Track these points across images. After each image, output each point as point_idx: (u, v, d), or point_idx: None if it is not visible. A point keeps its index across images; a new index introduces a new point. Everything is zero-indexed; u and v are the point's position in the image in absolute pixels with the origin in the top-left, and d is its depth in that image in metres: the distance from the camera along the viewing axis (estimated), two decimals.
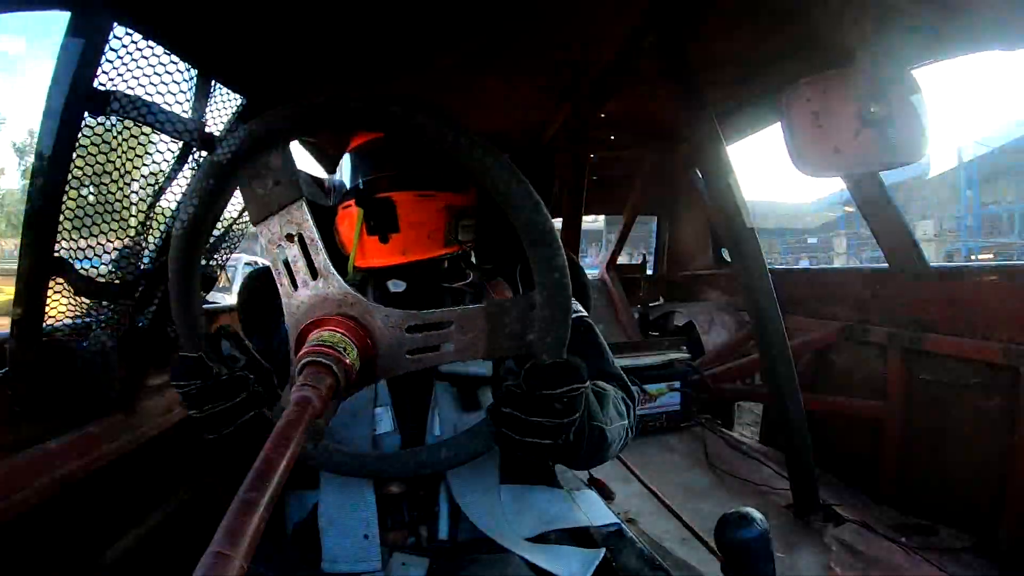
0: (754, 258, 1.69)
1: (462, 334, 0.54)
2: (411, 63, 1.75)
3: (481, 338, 0.54)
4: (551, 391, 0.54)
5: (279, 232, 0.55)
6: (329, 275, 0.54)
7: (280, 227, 0.55)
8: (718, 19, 1.65)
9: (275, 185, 0.54)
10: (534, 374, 0.54)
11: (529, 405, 0.55)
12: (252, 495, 0.33)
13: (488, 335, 0.54)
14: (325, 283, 0.54)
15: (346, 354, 0.50)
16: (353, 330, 0.52)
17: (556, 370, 0.54)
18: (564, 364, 0.54)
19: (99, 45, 0.87)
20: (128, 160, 0.97)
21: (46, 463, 0.97)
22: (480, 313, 0.54)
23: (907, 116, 1.18)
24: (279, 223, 0.54)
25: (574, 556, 0.74)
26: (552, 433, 0.56)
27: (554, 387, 0.54)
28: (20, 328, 0.91)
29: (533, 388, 0.54)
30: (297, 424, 0.40)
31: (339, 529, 0.74)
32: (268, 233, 0.55)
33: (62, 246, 0.92)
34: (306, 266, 0.54)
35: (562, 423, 0.56)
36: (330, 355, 0.48)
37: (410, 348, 0.54)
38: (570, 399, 0.55)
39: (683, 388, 2.61)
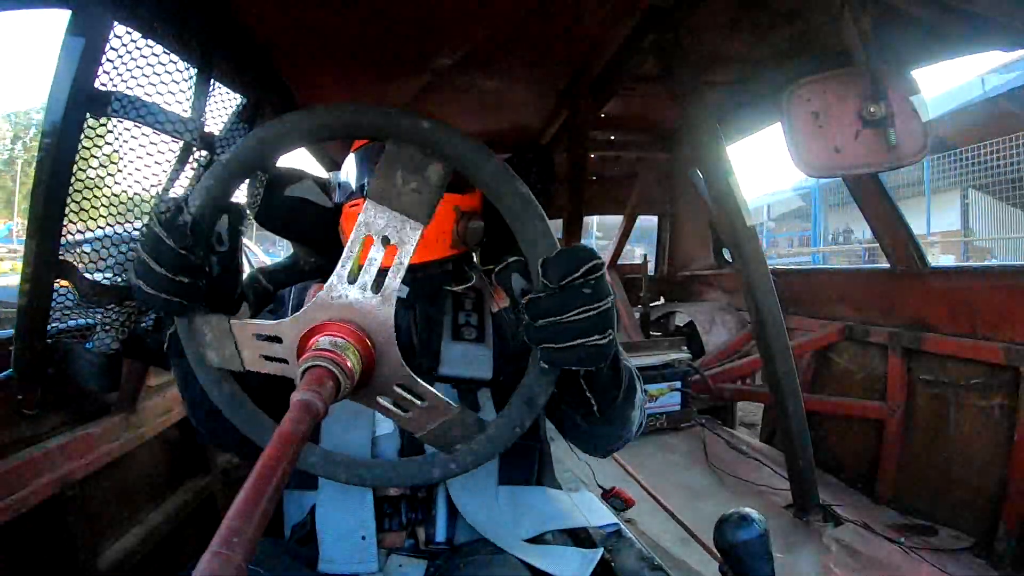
0: (755, 258, 1.69)
1: (422, 414, 0.56)
2: (411, 63, 1.75)
3: (429, 425, 0.57)
4: (574, 275, 0.50)
5: (382, 227, 0.52)
6: (389, 302, 0.52)
7: (386, 224, 0.52)
8: (718, 19, 1.65)
9: (415, 192, 0.52)
10: (548, 266, 0.50)
11: (558, 303, 0.50)
12: (253, 496, 0.33)
13: (435, 427, 0.57)
14: (380, 303, 0.52)
15: (352, 364, 0.49)
16: (367, 348, 0.52)
17: (567, 254, 0.51)
18: (574, 247, 0.52)
19: (100, 45, 0.88)
20: (130, 161, 0.97)
21: (46, 463, 0.97)
22: (447, 412, 0.56)
23: (907, 116, 1.19)
24: (389, 220, 0.52)
25: (572, 556, 0.74)
26: (596, 324, 0.51)
27: (574, 269, 0.50)
28: (25, 329, 0.91)
29: (553, 280, 0.50)
30: (300, 427, 0.40)
31: (336, 530, 0.74)
32: (372, 217, 0.52)
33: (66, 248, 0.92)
34: (376, 276, 0.52)
35: (601, 308, 0.51)
36: (340, 363, 0.48)
37: (384, 395, 0.56)
38: (596, 280, 0.51)
39: (683, 388, 2.61)
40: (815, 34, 1.68)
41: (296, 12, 1.34)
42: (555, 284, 0.50)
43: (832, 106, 1.21)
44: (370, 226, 0.52)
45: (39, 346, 0.93)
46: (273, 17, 1.33)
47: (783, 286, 2.44)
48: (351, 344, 0.50)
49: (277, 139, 0.53)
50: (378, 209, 0.52)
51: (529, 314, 0.52)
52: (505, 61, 1.79)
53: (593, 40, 1.73)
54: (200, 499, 1.44)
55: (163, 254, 0.53)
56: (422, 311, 0.82)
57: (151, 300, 0.54)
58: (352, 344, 0.51)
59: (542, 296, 0.51)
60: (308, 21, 1.40)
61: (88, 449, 1.07)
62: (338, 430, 0.74)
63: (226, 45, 1.23)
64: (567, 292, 0.50)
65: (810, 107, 1.21)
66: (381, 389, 0.55)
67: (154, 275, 0.53)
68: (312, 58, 1.61)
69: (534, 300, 0.51)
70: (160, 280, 0.53)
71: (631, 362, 0.70)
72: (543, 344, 0.52)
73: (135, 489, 1.24)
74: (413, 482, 0.62)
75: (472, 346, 0.80)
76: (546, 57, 1.83)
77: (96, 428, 1.12)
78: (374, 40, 1.56)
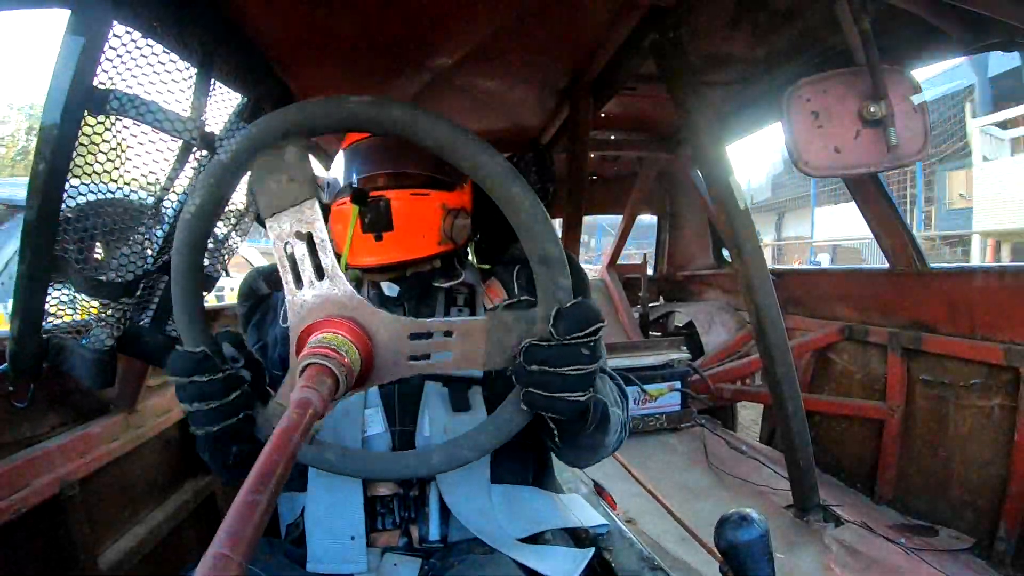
0: (754, 258, 1.69)
1: (462, 344, 0.55)
2: (411, 62, 1.75)
3: (480, 350, 0.55)
4: (579, 334, 0.52)
5: (288, 229, 0.54)
6: (336, 277, 0.54)
7: (291, 224, 0.54)
8: (718, 19, 1.65)
9: (289, 181, 0.54)
10: (559, 319, 0.53)
11: (558, 356, 0.53)
12: (253, 496, 0.33)
13: (487, 348, 0.55)
14: (331, 284, 0.54)
15: (347, 356, 0.50)
16: (355, 333, 0.53)
17: (580, 310, 0.53)
18: (582, 303, 0.54)
19: (99, 43, 0.88)
20: (128, 159, 0.97)
21: (46, 463, 0.97)
22: (482, 326, 0.55)
23: (907, 116, 1.18)
24: (290, 219, 0.54)
25: (564, 556, 0.74)
26: (582, 384, 0.54)
27: (582, 328, 0.52)
28: (20, 327, 0.91)
29: (561, 333, 0.52)
30: (298, 426, 0.40)
31: (326, 530, 0.74)
32: (278, 228, 0.54)
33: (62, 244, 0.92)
34: (313, 266, 0.54)
35: (590, 370, 0.54)
36: (332, 357, 0.48)
37: (411, 354, 0.55)
38: (595, 342, 0.54)
39: (683, 388, 2.61)
40: (815, 34, 1.68)
41: (296, 11, 1.34)
42: (560, 338, 0.52)
43: (832, 106, 1.21)
44: (280, 236, 0.54)
45: (34, 342, 0.93)
46: (273, 16, 1.33)
47: (783, 286, 2.45)
48: (333, 332, 0.51)
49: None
50: (276, 219, 0.54)
51: (525, 357, 0.54)
52: (505, 61, 1.79)
53: (593, 40, 1.73)
54: (200, 499, 1.44)
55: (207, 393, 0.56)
56: (412, 309, 0.82)
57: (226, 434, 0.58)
58: (334, 331, 0.51)
59: (543, 345, 0.53)
60: (308, 20, 1.40)
61: (88, 449, 1.07)
62: (328, 432, 0.74)
63: (226, 44, 1.23)
64: (568, 347, 0.53)
65: (810, 107, 1.21)
66: (398, 353, 0.55)
67: (213, 413, 0.56)
68: (312, 57, 1.61)
69: (535, 346, 0.53)
70: (222, 412, 0.57)
71: (607, 390, 0.73)
72: (529, 388, 0.54)
73: (135, 489, 1.24)
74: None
75: None
76: (546, 57, 1.83)
77: (96, 428, 1.12)
78: (374, 39, 1.56)
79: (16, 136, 16.26)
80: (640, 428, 2.51)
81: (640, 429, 2.51)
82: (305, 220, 0.54)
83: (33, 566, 0.96)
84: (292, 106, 0.54)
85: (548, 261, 0.53)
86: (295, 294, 0.55)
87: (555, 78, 2.03)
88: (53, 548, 0.99)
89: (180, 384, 0.57)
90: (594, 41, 1.74)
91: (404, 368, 0.55)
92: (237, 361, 0.60)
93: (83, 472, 1.04)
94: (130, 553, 1.13)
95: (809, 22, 1.64)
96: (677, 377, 2.60)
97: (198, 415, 0.57)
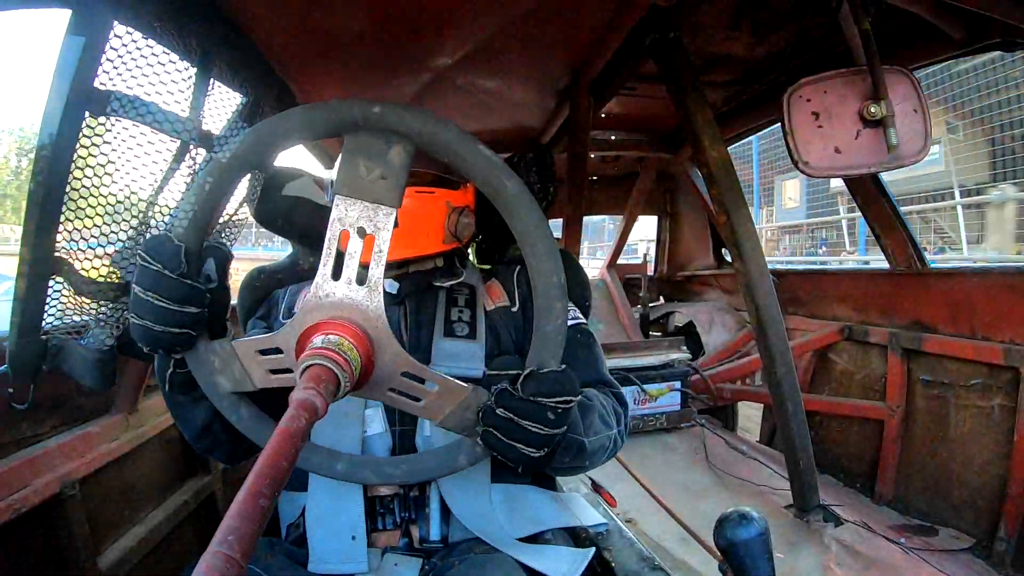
0: (754, 258, 1.69)
1: (436, 399, 0.57)
2: (411, 62, 1.75)
3: (445, 410, 0.58)
4: (547, 399, 0.56)
5: (355, 219, 0.53)
6: (375, 290, 0.53)
7: (358, 216, 0.53)
8: (718, 19, 1.65)
9: (381, 178, 0.53)
10: (533, 379, 0.56)
11: (523, 410, 0.56)
12: (253, 495, 0.33)
13: (451, 410, 0.58)
14: (367, 295, 0.53)
15: (352, 363, 0.49)
16: (364, 346, 0.52)
17: (554, 378, 0.57)
18: (562, 373, 0.57)
19: (100, 44, 0.87)
20: (127, 160, 0.97)
21: (46, 463, 0.97)
22: (463, 393, 0.57)
23: (908, 116, 1.18)
24: (360, 212, 0.53)
25: (565, 556, 0.74)
26: (539, 442, 0.58)
27: (551, 395, 0.56)
28: (20, 326, 0.91)
29: (530, 394, 0.56)
30: (300, 427, 0.40)
31: (327, 530, 0.74)
32: (343, 212, 0.53)
33: (62, 245, 0.92)
34: (359, 267, 0.53)
35: (551, 434, 0.58)
36: (338, 361, 0.48)
37: (394, 386, 0.56)
38: (564, 410, 0.57)
39: (683, 388, 2.61)
40: (815, 34, 1.68)
41: (296, 11, 1.34)
42: (525, 396, 0.56)
43: (832, 106, 1.21)
44: (343, 220, 0.53)
45: (34, 343, 0.93)
46: (273, 16, 1.33)
47: (783, 286, 2.45)
48: (346, 339, 0.51)
49: (230, 164, 0.55)
50: (348, 203, 0.53)
51: (495, 400, 0.58)
52: (505, 61, 1.79)
53: (593, 40, 1.73)
54: (200, 499, 1.44)
55: (165, 287, 0.54)
56: (412, 307, 0.82)
57: (160, 338, 0.55)
58: (347, 339, 0.51)
59: (513, 396, 0.57)
60: (308, 20, 1.40)
61: (88, 449, 1.07)
62: (329, 431, 0.74)
63: (226, 44, 1.23)
64: (535, 406, 0.57)
65: (810, 107, 1.21)
66: (387, 381, 0.55)
67: (160, 310, 0.54)
68: (312, 57, 1.61)
69: (507, 392, 0.57)
70: (167, 314, 0.54)
71: (596, 420, 0.74)
72: (492, 428, 0.58)
73: (135, 489, 1.24)
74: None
75: (463, 343, 0.80)
76: (546, 57, 1.83)
77: (96, 427, 1.12)
78: (374, 39, 1.56)
79: (7, 158, 16.40)
80: (640, 428, 2.52)
81: (640, 429, 2.51)
82: (376, 223, 0.53)
83: (33, 566, 0.96)
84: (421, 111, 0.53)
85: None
86: (326, 281, 0.53)
87: (555, 78, 2.03)
88: (53, 548, 0.99)
89: (143, 268, 0.54)
90: (594, 41, 1.74)
91: (381, 394, 0.57)
92: (211, 282, 0.59)
93: (83, 472, 1.04)
94: (130, 553, 1.13)
95: (809, 22, 1.64)
96: (677, 377, 2.60)
97: (144, 305, 0.54)
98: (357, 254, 0.53)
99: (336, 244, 0.53)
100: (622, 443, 0.80)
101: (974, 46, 1.37)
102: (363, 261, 0.53)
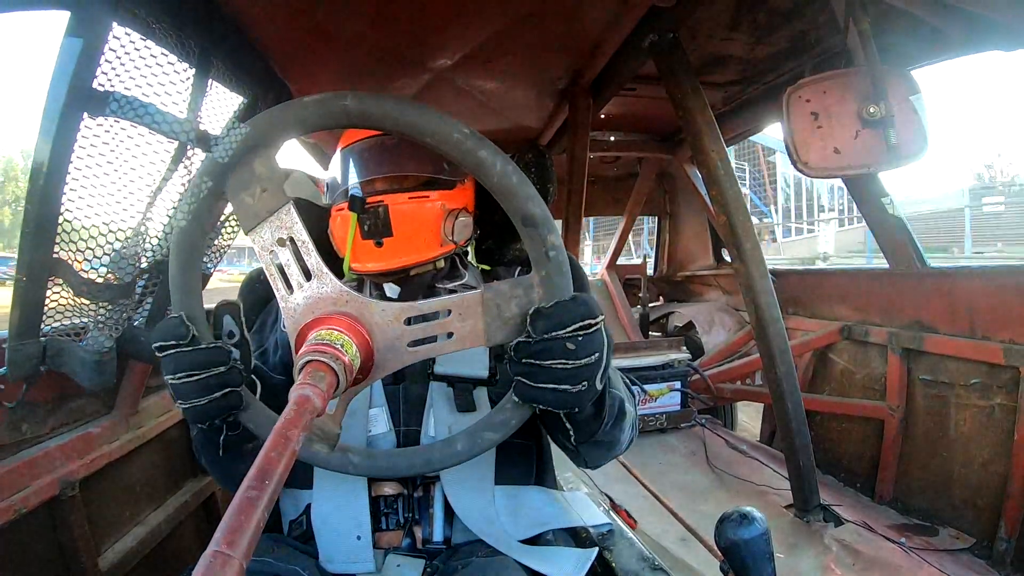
0: (754, 258, 1.69)
1: (461, 321, 0.54)
2: (411, 62, 1.75)
3: (480, 325, 0.54)
4: (559, 331, 0.52)
5: (270, 238, 0.55)
6: (322, 275, 0.54)
7: (271, 233, 0.55)
8: (718, 19, 1.65)
9: (262, 192, 0.54)
10: (541, 317, 0.52)
11: (541, 350, 0.53)
12: (252, 494, 0.33)
13: (487, 321, 0.54)
14: (319, 283, 0.54)
15: (344, 351, 0.50)
16: (351, 327, 0.52)
17: (560, 309, 0.52)
18: (569, 301, 0.53)
19: (98, 45, 0.87)
20: (125, 161, 0.97)
21: (46, 463, 0.97)
22: (477, 299, 0.54)
23: (907, 116, 1.18)
24: (270, 230, 0.55)
25: (567, 557, 0.74)
26: (573, 376, 0.53)
27: (562, 327, 0.52)
28: (18, 328, 0.91)
29: (543, 331, 0.52)
30: (297, 422, 0.40)
31: (332, 529, 0.74)
32: (260, 241, 0.55)
33: (60, 247, 0.92)
34: (299, 269, 0.54)
35: (579, 365, 0.53)
36: (329, 352, 0.48)
37: (410, 340, 0.55)
38: (585, 337, 0.53)
39: (683, 388, 2.61)
40: (815, 34, 1.69)
41: (295, 11, 1.34)
42: (538, 336, 0.52)
43: (832, 106, 1.21)
44: (265, 248, 0.55)
45: (33, 344, 0.93)
46: (272, 16, 1.33)
47: (782, 286, 2.45)
48: (326, 329, 0.52)
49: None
50: (257, 232, 0.55)
51: (514, 352, 0.54)
52: (505, 62, 1.79)
53: (593, 40, 1.73)
54: (200, 499, 1.44)
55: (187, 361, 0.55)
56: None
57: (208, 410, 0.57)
58: (328, 328, 0.52)
59: (529, 341, 0.53)
60: (307, 20, 1.40)
61: (88, 449, 1.07)
62: None
63: (224, 45, 1.23)
64: (549, 343, 0.53)
65: (810, 107, 1.21)
66: (398, 340, 0.54)
67: (193, 385, 0.55)
68: (311, 57, 1.61)
69: (522, 343, 0.54)
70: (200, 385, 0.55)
71: (620, 385, 0.73)
72: (519, 377, 0.55)
73: (135, 490, 1.24)
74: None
75: None
76: (546, 58, 1.83)
77: (96, 428, 1.11)
78: (373, 39, 1.56)
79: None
80: (640, 428, 2.51)
81: (640, 429, 2.51)
82: (284, 226, 0.55)
83: (33, 567, 0.96)
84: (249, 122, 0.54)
85: (531, 221, 0.52)
86: (287, 300, 0.55)
87: (555, 79, 2.03)
88: (53, 549, 0.99)
89: (163, 358, 0.56)
90: (594, 41, 1.74)
91: (406, 355, 0.55)
92: (234, 337, 0.59)
93: (83, 473, 1.04)
94: (130, 554, 1.13)
95: (809, 22, 1.64)
96: (677, 377, 2.60)
97: (182, 388, 0.56)
98: (291, 261, 0.54)
99: (273, 269, 0.55)
100: (636, 432, 0.78)
101: (974, 47, 1.37)
102: (300, 264, 0.55)
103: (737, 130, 2.47)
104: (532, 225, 0.52)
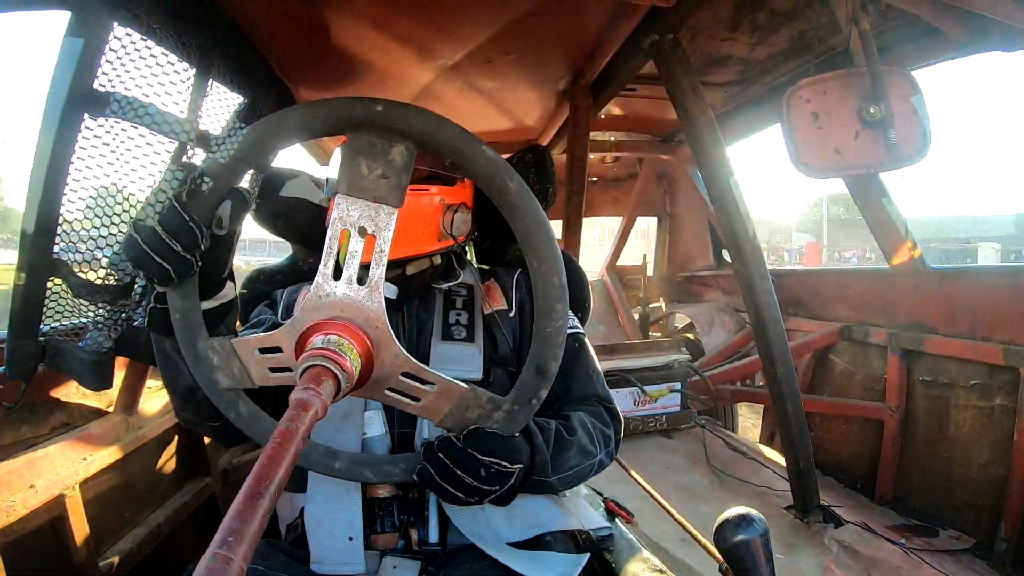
0: (754, 259, 1.69)
1: (435, 399, 0.58)
2: (411, 63, 1.75)
3: (444, 409, 0.59)
4: (481, 456, 0.59)
5: (356, 218, 0.53)
6: (376, 291, 0.53)
7: (360, 215, 0.53)
8: (718, 19, 1.65)
9: (382, 177, 0.52)
10: (472, 435, 0.60)
11: (457, 458, 0.60)
12: (253, 496, 0.33)
13: (450, 409, 0.59)
14: (368, 295, 0.53)
15: (351, 363, 0.49)
16: (365, 347, 0.52)
17: (493, 441, 0.60)
18: (506, 439, 0.60)
19: (99, 45, 0.87)
20: (126, 161, 0.97)
21: (46, 464, 0.97)
22: (459, 392, 0.58)
23: (907, 116, 1.18)
24: (361, 211, 0.53)
25: (560, 561, 0.74)
26: (468, 492, 0.61)
27: (487, 455, 0.60)
28: (18, 328, 0.91)
29: (469, 447, 0.59)
30: (299, 428, 0.40)
31: (325, 531, 0.74)
32: (344, 211, 0.53)
33: (60, 247, 0.92)
34: (360, 268, 0.53)
35: (483, 489, 0.61)
36: (337, 361, 0.48)
37: (392, 386, 0.57)
38: (497, 471, 0.60)
39: (683, 389, 2.61)
40: (815, 34, 1.68)
41: (295, 11, 1.34)
42: (463, 447, 0.60)
43: (832, 106, 1.21)
44: (344, 220, 0.53)
45: (31, 344, 0.93)
46: (272, 17, 1.33)
47: (782, 287, 2.44)
48: (345, 339, 0.50)
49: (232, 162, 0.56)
50: (349, 202, 0.53)
51: (437, 444, 0.61)
52: (505, 62, 1.79)
53: (593, 40, 1.73)
54: (200, 499, 1.43)
55: (171, 223, 0.54)
56: (411, 312, 0.82)
57: (145, 262, 0.55)
58: (347, 339, 0.51)
59: (452, 442, 0.61)
60: (307, 21, 1.40)
61: (88, 449, 1.07)
62: (329, 432, 0.74)
63: (225, 45, 1.23)
64: (468, 458, 0.60)
65: (810, 107, 1.21)
66: (386, 381, 0.55)
67: (157, 239, 0.54)
68: (311, 58, 1.61)
69: (449, 441, 0.61)
70: (160, 245, 0.54)
71: (585, 421, 0.79)
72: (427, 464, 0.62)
73: (135, 490, 1.23)
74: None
75: (461, 346, 0.80)
76: (546, 57, 1.83)
77: (96, 429, 1.11)
78: (374, 40, 1.56)
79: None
80: (640, 429, 2.51)
81: (640, 430, 2.51)
82: (377, 223, 0.53)
83: (33, 568, 0.96)
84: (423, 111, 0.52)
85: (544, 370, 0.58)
86: (327, 280, 0.53)
87: (555, 79, 2.03)
88: (54, 549, 0.99)
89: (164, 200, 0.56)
90: (594, 41, 1.74)
91: (380, 394, 0.57)
92: (221, 228, 0.59)
93: (83, 474, 1.04)
94: (130, 555, 1.13)
95: (809, 22, 1.64)
96: (677, 378, 2.59)
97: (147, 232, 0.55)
98: (358, 254, 0.52)
99: (337, 243, 0.53)
100: (608, 462, 0.83)
101: (974, 47, 1.37)
102: (364, 261, 0.53)
103: (737, 130, 2.47)
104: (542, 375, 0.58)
